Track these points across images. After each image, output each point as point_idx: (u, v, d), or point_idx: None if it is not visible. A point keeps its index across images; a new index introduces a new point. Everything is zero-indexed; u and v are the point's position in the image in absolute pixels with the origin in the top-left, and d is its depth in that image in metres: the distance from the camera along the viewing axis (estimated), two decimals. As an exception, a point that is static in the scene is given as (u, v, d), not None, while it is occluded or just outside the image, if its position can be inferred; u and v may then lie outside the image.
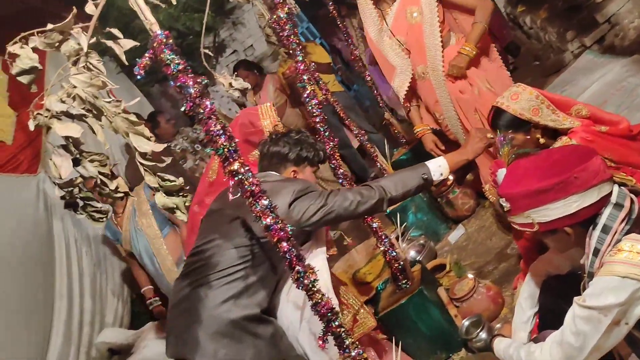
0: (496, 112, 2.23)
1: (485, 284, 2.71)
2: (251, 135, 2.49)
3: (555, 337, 1.57)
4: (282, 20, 2.37)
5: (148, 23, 1.53)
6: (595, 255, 1.53)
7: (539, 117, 2.11)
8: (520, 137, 2.16)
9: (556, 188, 1.52)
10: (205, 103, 1.60)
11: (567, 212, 1.53)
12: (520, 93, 2.16)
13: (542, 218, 1.56)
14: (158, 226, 3.66)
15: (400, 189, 2.02)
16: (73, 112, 1.39)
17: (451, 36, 2.92)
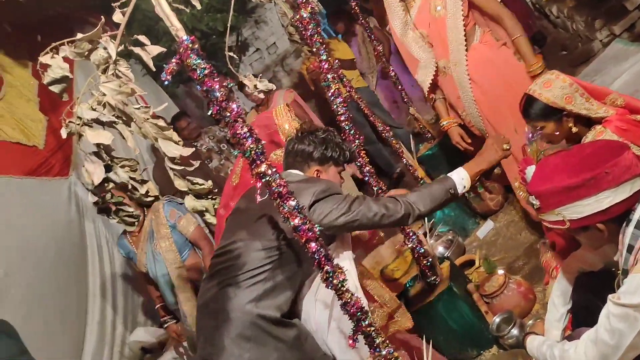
0: (528, 100, 2.17)
1: (516, 280, 2.68)
2: (268, 137, 2.48)
3: (589, 336, 1.54)
4: (305, 19, 2.37)
5: (174, 29, 1.55)
6: (629, 252, 1.50)
7: (572, 105, 2.05)
8: (552, 126, 2.12)
9: (587, 184, 1.49)
10: (231, 106, 1.61)
11: (599, 209, 1.50)
12: (553, 81, 2.10)
13: (573, 215, 1.53)
14: (178, 249, 3.38)
15: (429, 204, 1.98)
16: (103, 119, 1.41)
17: (476, 30, 2.86)
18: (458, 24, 2.80)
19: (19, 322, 2.68)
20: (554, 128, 2.12)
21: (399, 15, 3.06)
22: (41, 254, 3.59)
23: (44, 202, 3.79)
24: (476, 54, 2.85)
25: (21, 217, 3.56)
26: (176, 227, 3.32)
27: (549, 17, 4.96)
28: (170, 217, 3.29)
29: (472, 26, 2.86)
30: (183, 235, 3.36)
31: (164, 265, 3.34)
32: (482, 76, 2.87)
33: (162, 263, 3.35)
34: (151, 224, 3.29)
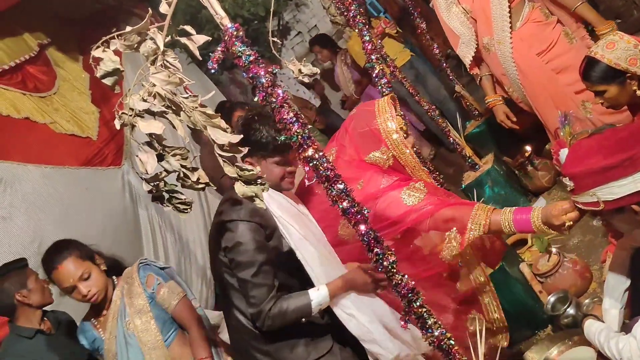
0: (589, 62, 2.08)
1: (571, 259, 2.62)
2: (364, 137, 2.24)
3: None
4: (347, 0, 2.35)
5: (219, 17, 1.57)
6: None
7: (637, 67, 1.96)
8: (614, 89, 2.04)
9: (623, 164, 1.45)
10: (277, 92, 1.63)
11: (636, 189, 1.45)
12: (617, 42, 2.00)
13: (609, 196, 1.50)
14: (159, 328, 2.40)
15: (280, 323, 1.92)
16: (154, 110, 1.45)
17: (525, 5, 2.71)
18: (502, 0, 2.68)
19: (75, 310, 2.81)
20: (616, 92, 2.03)
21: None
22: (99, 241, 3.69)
23: (99, 191, 3.92)
24: (521, 34, 2.73)
25: (78, 206, 3.70)
26: (155, 297, 2.40)
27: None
28: (148, 284, 2.41)
29: (519, 1, 2.72)
30: (165, 311, 2.43)
31: (139, 351, 2.37)
32: (525, 61, 2.76)
33: (136, 348, 2.37)
34: (122, 297, 2.39)
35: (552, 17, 2.71)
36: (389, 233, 2.13)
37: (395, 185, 2.18)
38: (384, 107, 2.19)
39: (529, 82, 2.76)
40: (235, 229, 1.92)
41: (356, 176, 2.20)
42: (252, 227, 1.92)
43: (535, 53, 2.70)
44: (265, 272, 1.91)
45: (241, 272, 1.91)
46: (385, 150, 2.18)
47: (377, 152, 2.19)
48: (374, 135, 2.18)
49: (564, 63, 2.67)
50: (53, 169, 3.69)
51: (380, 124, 2.16)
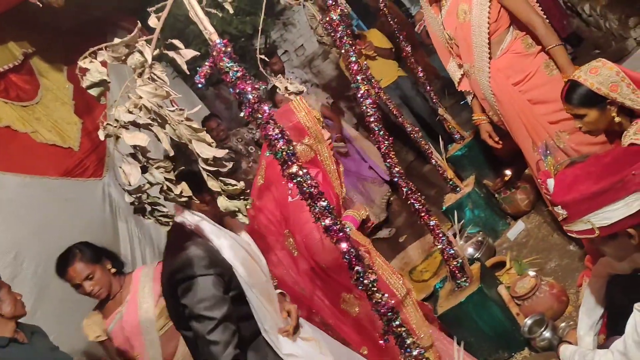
0: (572, 85, 2.12)
1: (548, 282, 2.65)
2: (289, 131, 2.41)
3: (618, 346, 1.52)
4: (334, 21, 2.39)
5: (207, 33, 1.59)
6: None
7: (617, 94, 1.99)
8: (594, 113, 2.06)
9: (615, 188, 1.48)
10: (263, 108, 1.65)
11: (629, 212, 1.48)
12: (600, 67, 2.04)
13: (603, 222, 1.51)
14: None
15: None
16: (140, 122, 1.45)
17: (508, 34, 2.73)
18: (483, 31, 2.70)
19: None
20: (596, 116, 2.06)
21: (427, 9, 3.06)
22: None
23: (79, 203, 3.88)
24: (499, 64, 2.76)
25: (57, 216, 3.65)
26: None
27: (582, 15, 4.87)
28: None
29: (502, 30, 2.73)
30: None
31: None
32: (501, 89, 2.78)
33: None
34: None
35: (534, 48, 2.74)
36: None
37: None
38: (299, 104, 2.44)
39: (504, 109, 2.81)
40: (194, 286, 1.81)
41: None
42: (212, 281, 1.82)
43: (512, 83, 2.74)
44: (224, 328, 1.80)
45: (198, 325, 1.80)
46: (308, 139, 2.41)
47: (301, 144, 2.39)
48: (297, 128, 2.39)
49: (540, 95, 2.71)
50: (32, 179, 3.65)
51: (301, 118, 2.41)
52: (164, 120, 1.50)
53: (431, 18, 3.05)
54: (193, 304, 1.79)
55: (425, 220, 2.56)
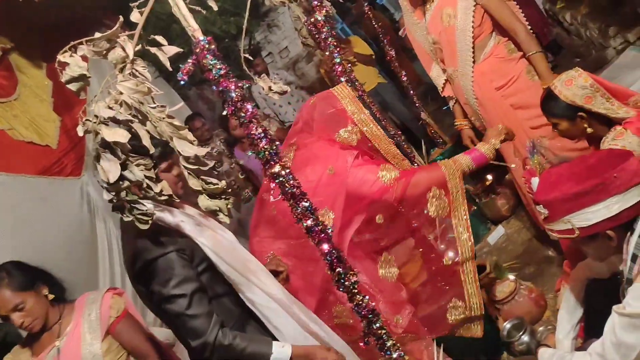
0: (548, 95, 2.16)
1: (527, 286, 2.67)
2: (331, 117, 2.34)
3: (596, 348, 1.53)
4: (319, 22, 2.38)
5: (191, 30, 1.56)
6: (633, 261, 1.49)
7: (592, 105, 2.04)
8: (566, 124, 2.12)
9: (596, 190, 1.49)
10: (246, 107, 1.63)
11: (609, 215, 1.49)
12: (575, 79, 2.08)
13: (583, 222, 1.53)
14: None
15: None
16: (120, 118, 1.42)
17: (491, 39, 2.77)
18: (467, 35, 2.73)
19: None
20: (567, 126, 2.11)
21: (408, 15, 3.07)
22: (52, 253, 3.60)
23: (56, 202, 3.81)
24: (482, 68, 2.78)
25: (33, 215, 3.58)
26: None
27: (563, 24, 4.94)
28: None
29: (486, 35, 2.77)
30: None
31: None
32: (484, 94, 2.81)
33: None
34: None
35: (516, 53, 2.77)
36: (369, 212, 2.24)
37: (364, 162, 2.25)
38: (342, 91, 2.35)
39: (487, 114, 2.84)
40: (156, 269, 1.74)
41: (325, 159, 2.26)
42: (173, 258, 1.75)
43: (495, 87, 2.76)
44: (199, 300, 1.76)
45: (172, 306, 1.74)
46: (352, 127, 2.31)
47: (344, 130, 2.31)
48: (340, 115, 2.31)
49: (522, 100, 2.74)
50: (8, 177, 3.57)
51: (345, 105, 2.31)
52: (145, 117, 1.47)
53: (412, 24, 3.06)
54: (161, 287, 1.73)
55: (407, 224, 2.56)
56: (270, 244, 2.35)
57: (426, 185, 2.21)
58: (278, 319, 1.90)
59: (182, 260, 1.77)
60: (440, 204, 2.23)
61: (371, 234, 2.35)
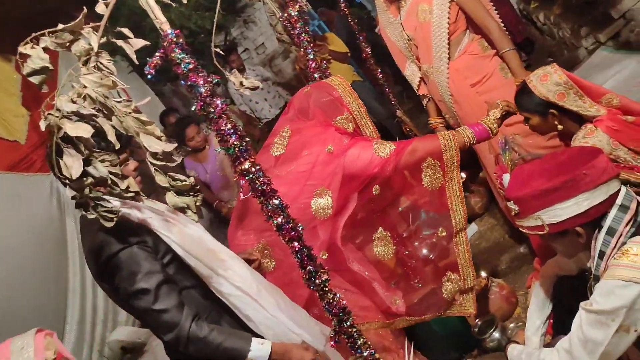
0: (523, 88, 2.17)
1: (499, 283, 2.69)
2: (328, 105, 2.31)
3: (563, 345, 1.55)
4: (293, 18, 2.36)
5: (158, 22, 1.53)
6: (600, 258, 1.51)
7: (564, 102, 2.05)
8: (537, 119, 2.13)
9: (566, 186, 1.50)
10: (215, 102, 1.60)
11: (578, 211, 1.50)
12: (550, 75, 2.09)
13: (553, 219, 1.54)
14: None
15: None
16: (83, 112, 1.38)
17: (465, 36, 2.78)
18: (442, 31, 2.74)
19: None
20: (539, 122, 2.13)
21: (383, 13, 3.07)
22: (20, 251, 3.53)
23: (25, 198, 3.72)
24: (457, 64, 2.79)
25: (1, 212, 3.50)
26: None
27: (536, 24, 5.00)
28: None
29: (460, 32, 2.78)
30: None
31: None
32: (459, 90, 2.82)
33: None
34: None
35: (489, 50, 2.79)
36: (365, 185, 2.22)
37: (358, 140, 2.25)
38: (338, 81, 2.35)
39: (462, 111, 2.85)
40: (118, 264, 1.69)
41: (323, 140, 2.24)
42: (135, 251, 1.70)
43: (469, 84, 2.78)
44: (167, 293, 1.70)
45: (139, 302, 1.69)
46: (348, 115, 2.31)
47: (341, 117, 2.30)
48: (337, 103, 2.30)
49: (496, 97, 2.74)
50: (-25, 173, 3.49)
51: (341, 93, 2.31)
52: (110, 112, 1.44)
53: (387, 21, 3.05)
54: (124, 282, 1.68)
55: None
56: (259, 235, 2.31)
57: (422, 154, 2.19)
58: (248, 308, 1.86)
59: (145, 252, 1.71)
60: (435, 174, 2.21)
61: (366, 210, 2.33)
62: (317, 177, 2.20)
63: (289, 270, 2.20)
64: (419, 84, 3.13)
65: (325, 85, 2.36)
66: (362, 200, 2.29)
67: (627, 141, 1.96)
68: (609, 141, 1.96)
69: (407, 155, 2.19)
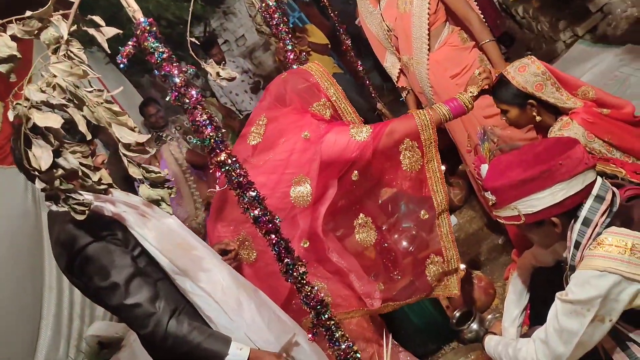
0: (500, 80, 2.17)
1: (477, 275, 2.70)
2: (305, 91, 2.28)
3: (539, 335, 1.56)
4: (271, 8, 2.33)
5: (131, 10, 1.50)
6: (576, 248, 1.52)
7: (542, 93, 2.06)
8: (515, 111, 2.13)
9: (542, 176, 1.50)
10: (191, 92, 1.57)
11: (554, 202, 1.51)
12: (528, 65, 2.09)
13: (529, 209, 1.54)
14: None
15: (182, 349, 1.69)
16: (53, 102, 1.34)
17: (445, 28, 2.78)
18: (423, 22, 2.73)
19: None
20: (517, 113, 2.13)
21: (362, 3, 3.05)
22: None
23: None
24: (437, 56, 2.80)
25: (-27, 206, 3.43)
26: None
27: (515, 17, 5.02)
28: None
29: (440, 23, 2.78)
30: None
31: None
32: (439, 82, 2.82)
33: None
34: None
35: (469, 42, 2.80)
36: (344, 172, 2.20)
37: (335, 124, 2.22)
38: (315, 67, 2.32)
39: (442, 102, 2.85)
40: (86, 259, 1.65)
41: (300, 127, 2.22)
42: (103, 246, 1.66)
43: (449, 75, 2.78)
44: (138, 286, 1.66)
45: (110, 298, 1.65)
46: (325, 101, 2.27)
47: (318, 104, 2.26)
48: (314, 89, 2.26)
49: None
50: (-54, 165, 3.41)
51: (318, 79, 2.27)
52: (81, 102, 1.40)
53: (366, 12, 3.04)
54: (94, 277, 1.64)
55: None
56: (239, 227, 2.27)
57: (400, 135, 2.16)
58: (210, 309, 1.82)
59: (114, 245, 1.68)
60: (414, 156, 2.19)
61: (346, 198, 2.31)
62: (295, 165, 2.17)
63: (271, 262, 2.16)
64: (398, 75, 3.13)
65: (302, 72, 2.33)
66: (342, 188, 2.26)
67: (602, 134, 1.98)
68: (584, 133, 1.97)
69: (385, 138, 2.16)
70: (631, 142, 2.02)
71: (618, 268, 1.39)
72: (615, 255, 1.40)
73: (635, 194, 1.56)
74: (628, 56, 3.46)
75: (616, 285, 1.40)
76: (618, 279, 1.39)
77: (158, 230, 1.82)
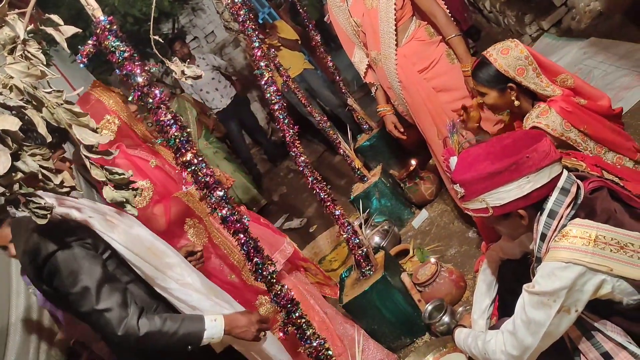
0: (481, 62, 2.12)
1: (448, 268, 2.73)
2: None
3: (507, 326, 1.58)
4: (237, 4, 2.31)
5: (90, 8, 1.47)
6: (542, 240, 1.54)
7: (523, 77, 2.03)
8: (495, 94, 2.10)
9: (510, 169, 1.52)
10: (154, 92, 1.55)
11: (521, 194, 1.53)
12: (511, 49, 2.05)
13: (497, 201, 1.56)
14: None
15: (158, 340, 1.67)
16: (10, 104, 1.31)
17: (412, 23, 2.79)
18: (390, 18, 2.74)
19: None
20: (496, 97, 2.10)
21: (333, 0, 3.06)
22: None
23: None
24: (405, 51, 2.81)
25: None
26: None
27: (483, 11, 5.08)
28: None
29: (407, 18, 2.79)
30: None
31: None
32: (407, 77, 2.83)
33: None
34: None
35: (435, 37, 2.81)
36: None
37: None
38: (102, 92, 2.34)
39: (410, 97, 2.87)
40: (55, 265, 1.62)
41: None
42: (72, 251, 1.63)
43: (417, 70, 2.80)
44: (109, 291, 1.63)
45: (80, 303, 1.62)
46: (113, 117, 2.29)
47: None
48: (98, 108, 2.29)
49: (443, 83, 2.79)
50: None
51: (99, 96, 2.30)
52: (40, 103, 1.36)
53: (335, 7, 3.04)
54: (64, 284, 1.61)
55: (331, 210, 2.55)
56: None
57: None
58: (193, 299, 1.80)
59: (84, 250, 1.64)
60: (197, 231, 2.31)
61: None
62: None
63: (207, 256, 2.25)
64: (365, 71, 3.14)
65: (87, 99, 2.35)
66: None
67: (578, 123, 1.99)
68: (562, 122, 1.98)
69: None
70: (605, 133, 2.04)
71: (582, 259, 1.41)
72: (579, 247, 1.42)
73: (599, 185, 1.59)
74: (591, 49, 3.53)
75: (581, 276, 1.42)
76: (583, 270, 1.42)
77: (127, 234, 1.79)
